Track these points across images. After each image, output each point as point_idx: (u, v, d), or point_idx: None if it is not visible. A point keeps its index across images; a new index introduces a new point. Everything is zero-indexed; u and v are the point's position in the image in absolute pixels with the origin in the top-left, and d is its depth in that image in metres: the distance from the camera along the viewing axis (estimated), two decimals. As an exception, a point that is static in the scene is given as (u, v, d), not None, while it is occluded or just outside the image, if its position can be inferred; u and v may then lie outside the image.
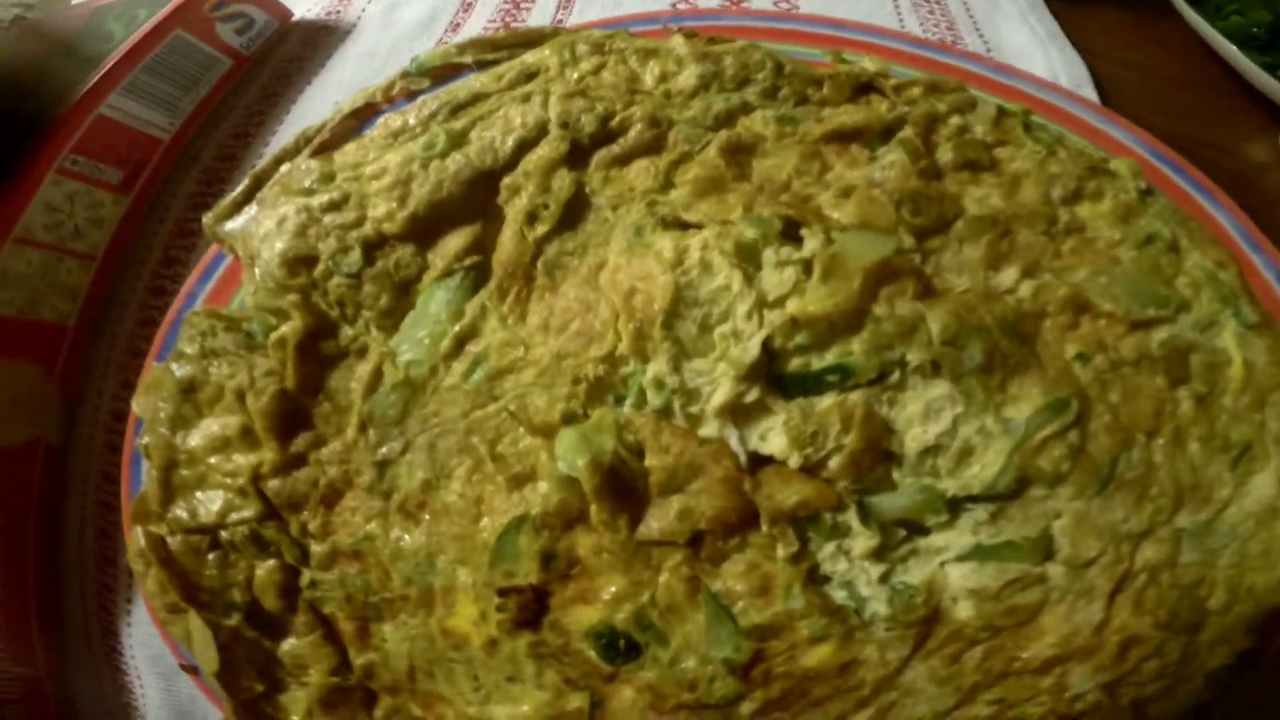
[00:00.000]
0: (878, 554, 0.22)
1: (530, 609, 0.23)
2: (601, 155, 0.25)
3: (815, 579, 0.23)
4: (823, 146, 0.25)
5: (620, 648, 0.23)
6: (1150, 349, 0.24)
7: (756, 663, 0.23)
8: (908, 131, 0.25)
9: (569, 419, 0.22)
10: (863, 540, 0.22)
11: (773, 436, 0.22)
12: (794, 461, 0.22)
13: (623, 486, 0.22)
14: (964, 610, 0.23)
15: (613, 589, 0.22)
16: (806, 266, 0.22)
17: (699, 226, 0.24)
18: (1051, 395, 0.22)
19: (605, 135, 0.25)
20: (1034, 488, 0.23)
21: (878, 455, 0.22)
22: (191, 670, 0.27)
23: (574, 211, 0.24)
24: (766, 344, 0.22)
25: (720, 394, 0.22)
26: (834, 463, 0.22)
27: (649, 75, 0.27)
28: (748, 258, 0.23)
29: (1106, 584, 0.23)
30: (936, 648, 0.23)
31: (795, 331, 0.22)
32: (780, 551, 0.22)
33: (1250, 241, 0.28)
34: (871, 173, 0.24)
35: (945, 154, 0.25)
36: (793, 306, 0.22)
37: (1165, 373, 0.24)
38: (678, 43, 0.28)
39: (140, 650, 0.31)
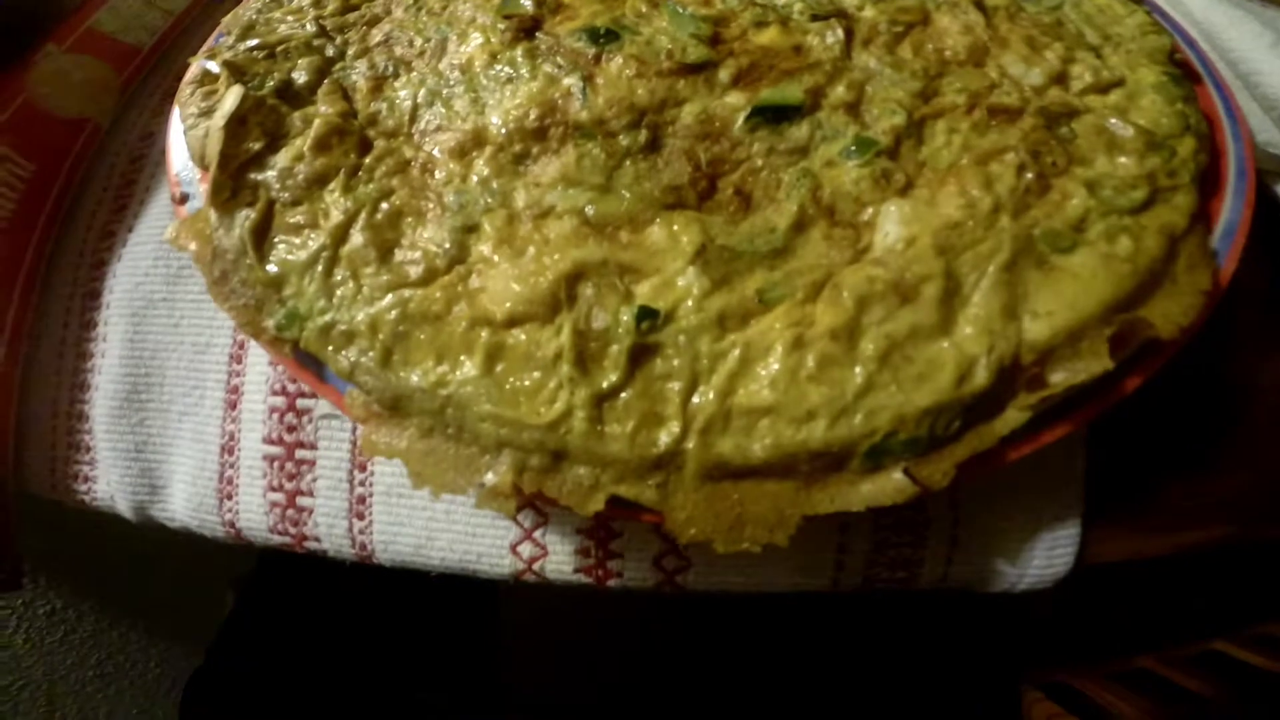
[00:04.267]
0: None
1: (527, 24, 0.27)
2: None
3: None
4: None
5: (602, 33, 0.26)
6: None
7: (719, 42, 0.27)
8: None
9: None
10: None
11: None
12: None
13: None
14: (867, 11, 0.28)
15: (592, 10, 0.28)
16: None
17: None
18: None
19: None
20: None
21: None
22: (182, 199, 0.26)
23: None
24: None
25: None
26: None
27: None
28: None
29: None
30: (866, 38, 0.28)
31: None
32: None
33: None
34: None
35: None
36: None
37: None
38: None
39: (123, 281, 0.30)
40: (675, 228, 0.23)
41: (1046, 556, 0.26)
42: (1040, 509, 0.26)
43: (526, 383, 0.21)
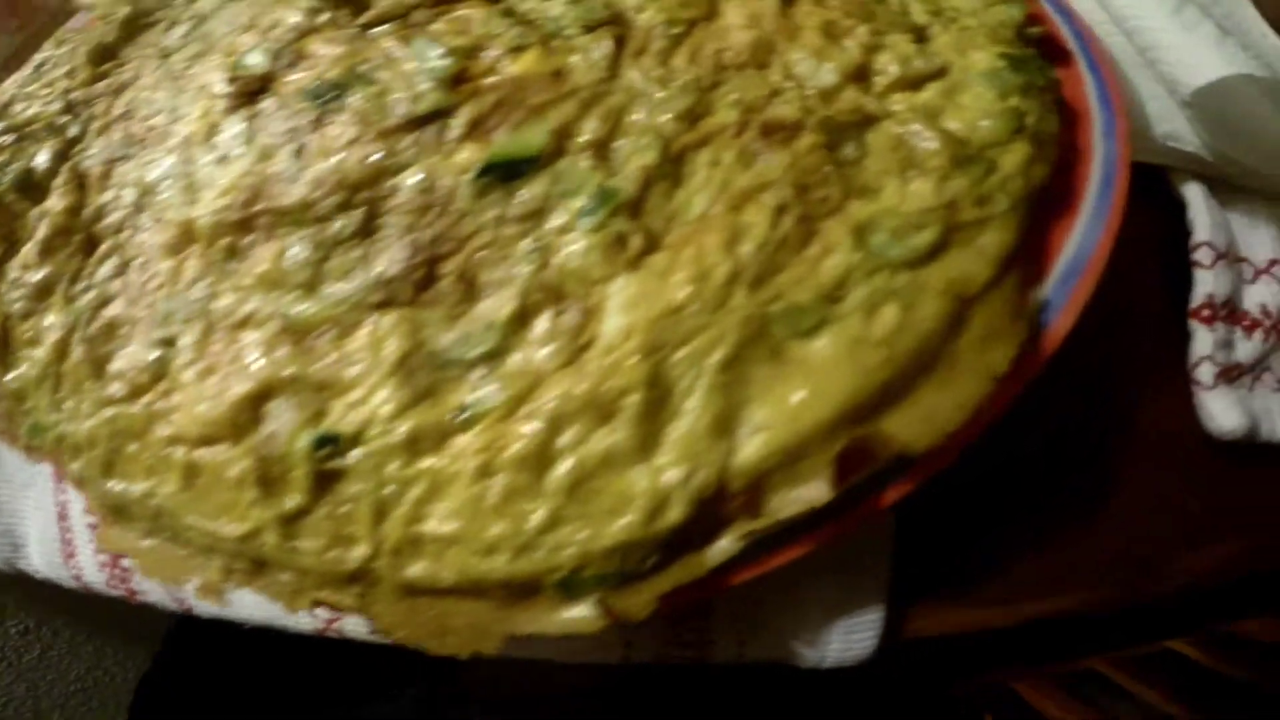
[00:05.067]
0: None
1: (253, 86, 0.24)
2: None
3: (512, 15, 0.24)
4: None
5: (328, 89, 0.23)
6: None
7: (463, 81, 0.23)
8: None
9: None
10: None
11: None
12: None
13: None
14: (646, 12, 0.24)
15: (335, 57, 0.24)
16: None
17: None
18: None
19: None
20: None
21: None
22: None
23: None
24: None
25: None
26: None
27: None
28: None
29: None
30: (640, 47, 0.23)
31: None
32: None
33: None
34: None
35: None
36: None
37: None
38: None
39: None
40: (380, 333, 0.21)
41: (845, 640, 0.24)
42: (839, 588, 0.24)
43: (222, 498, 0.20)
